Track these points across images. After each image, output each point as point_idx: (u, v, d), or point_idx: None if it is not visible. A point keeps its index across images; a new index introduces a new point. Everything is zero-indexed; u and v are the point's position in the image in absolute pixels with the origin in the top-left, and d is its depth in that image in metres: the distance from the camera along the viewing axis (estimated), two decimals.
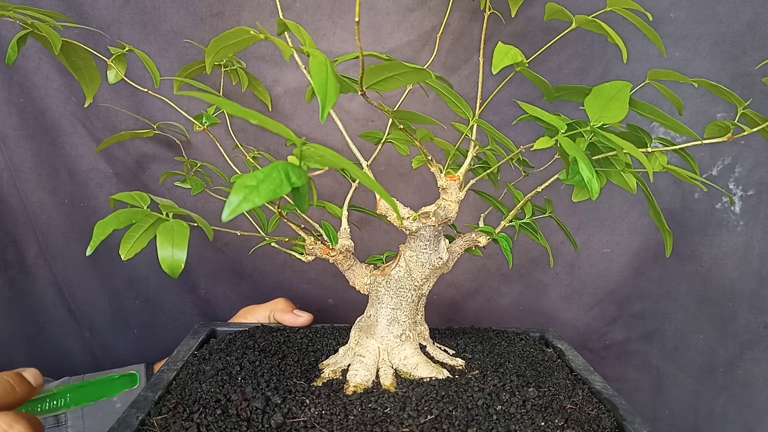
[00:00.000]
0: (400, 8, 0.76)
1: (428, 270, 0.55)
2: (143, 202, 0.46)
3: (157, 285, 0.85)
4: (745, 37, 0.75)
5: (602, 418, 0.48)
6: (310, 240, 0.56)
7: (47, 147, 0.77)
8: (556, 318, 0.88)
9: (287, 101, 0.79)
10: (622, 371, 0.89)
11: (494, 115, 0.78)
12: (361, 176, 0.30)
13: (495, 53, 0.41)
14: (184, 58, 0.75)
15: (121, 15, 0.74)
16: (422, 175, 0.82)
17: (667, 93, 0.50)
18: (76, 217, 0.80)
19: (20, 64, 0.74)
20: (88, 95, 0.54)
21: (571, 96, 0.50)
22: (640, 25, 0.47)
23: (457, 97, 0.50)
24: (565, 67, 0.78)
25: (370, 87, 0.42)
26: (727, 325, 0.83)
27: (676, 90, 0.51)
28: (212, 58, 0.41)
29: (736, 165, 0.79)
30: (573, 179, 0.47)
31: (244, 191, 0.27)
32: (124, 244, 0.41)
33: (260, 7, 0.76)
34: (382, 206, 0.53)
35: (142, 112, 0.77)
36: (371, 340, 0.55)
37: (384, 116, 0.56)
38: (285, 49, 0.37)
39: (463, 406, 0.47)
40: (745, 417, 0.83)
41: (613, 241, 0.84)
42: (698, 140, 0.45)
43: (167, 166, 0.79)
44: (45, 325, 0.84)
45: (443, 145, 0.59)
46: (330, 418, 0.46)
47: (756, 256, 0.81)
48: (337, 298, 0.88)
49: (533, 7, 0.75)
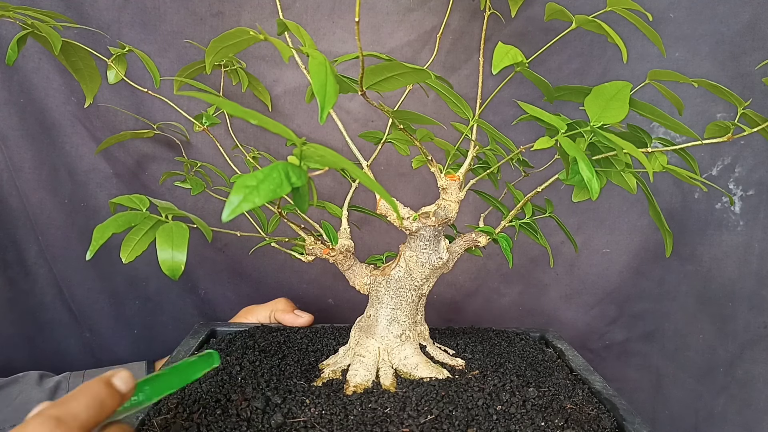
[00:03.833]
0: (400, 8, 0.76)
1: (428, 270, 0.55)
2: (142, 205, 0.46)
3: (157, 285, 0.85)
4: (745, 37, 0.75)
5: (602, 418, 0.48)
6: (310, 240, 0.56)
7: (47, 147, 0.77)
8: (556, 318, 0.88)
9: (287, 101, 0.79)
10: (622, 371, 0.89)
11: (494, 115, 0.78)
12: (361, 176, 0.30)
13: (495, 53, 0.41)
14: (184, 58, 0.75)
15: (121, 15, 0.74)
16: (422, 175, 0.82)
17: (667, 93, 0.50)
18: (76, 217, 0.80)
19: (20, 64, 0.74)
20: (88, 95, 0.54)
21: (571, 96, 0.50)
22: (640, 25, 0.47)
23: (457, 97, 0.50)
24: (565, 67, 0.78)
25: (370, 87, 0.42)
26: (727, 325, 0.83)
27: (676, 90, 0.51)
28: (212, 58, 0.41)
29: (736, 165, 0.79)
30: (573, 179, 0.47)
31: (244, 191, 0.27)
32: (124, 247, 0.42)
33: (260, 7, 0.76)
34: (382, 206, 0.53)
35: (142, 112, 0.77)
36: (371, 340, 0.55)
37: (384, 116, 0.56)
38: (284, 50, 0.37)
39: (463, 406, 0.47)
40: (745, 417, 0.83)
41: (613, 241, 0.84)
42: (698, 140, 0.45)
43: (167, 166, 0.79)
44: (45, 325, 0.84)
45: (443, 145, 0.59)
46: (330, 418, 0.46)
47: (756, 256, 0.81)
48: (337, 298, 0.88)
49: (533, 7, 0.75)
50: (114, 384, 0.37)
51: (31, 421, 0.32)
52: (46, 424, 0.32)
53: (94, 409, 0.35)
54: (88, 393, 0.35)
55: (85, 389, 0.35)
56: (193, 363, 0.42)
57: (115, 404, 0.36)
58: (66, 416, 0.33)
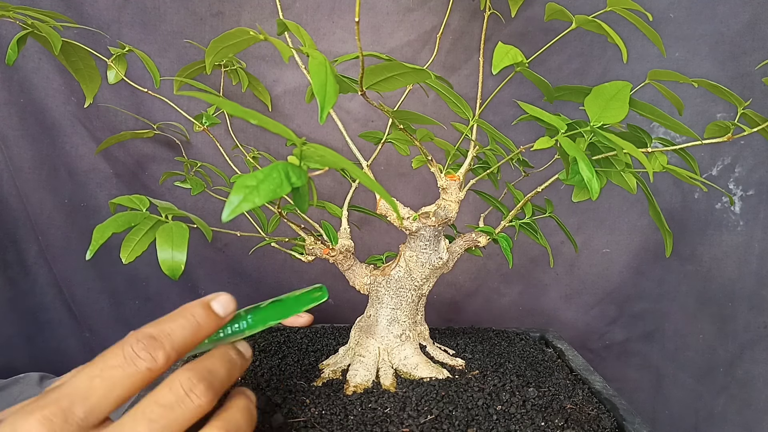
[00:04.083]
0: (400, 8, 0.76)
1: (428, 270, 0.55)
2: (142, 205, 0.46)
3: (157, 285, 0.85)
4: (745, 37, 0.75)
5: (602, 418, 0.48)
6: (310, 240, 0.56)
7: (47, 147, 0.77)
8: (556, 318, 0.88)
9: (287, 101, 0.79)
10: (622, 371, 0.89)
11: (494, 115, 0.78)
12: (361, 176, 0.30)
13: (495, 53, 0.41)
14: (184, 58, 0.75)
15: (121, 15, 0.74)
16: (422, 175, 0.82)
17: (667, 93, 0.50)
18: (76, 217, 0.80)
19: (20, 64, 0.74)
20: (88, 95, 0.54)
21: (571, 96, 0.50)
22: (640, 25, 0.47)
23: (457, 97, 0.50)
24: (565, 67, 0.78)
25: (370, 87, 0.42)
26: (727, 325, 0.83)
27: (676, 90, 0.51)
28: (212, 58, 0.41)
29: (736, 165, 0.79)
30: (573, 179, 0.47)
31: (244, 191, 0.27)
32: (124, 247, 0.42)
33: (260, 7, 0.76)
34: (382, 206, 0.53)
35: (142, 112, 0.77)
36: (371, 340, 0.55)
37: (384, 116, 0.56)
38: (284, 51, 0.37)
39: (463, 406, 0.47)
40: (745, 417, 0.83)
41: (613, 241, 0.84)
42: (698, 140, 0.45)
43: (167, 166, 0.79)
44: (45, 325, 0.84)
45: (443, 145, 0.59)
46: (330, 418, 0.46)
47: (756, 256, 0.81)
48: (337, 298, 0.88)
49: (533, 7, 0.75)
50: (212, 307, 0.36)
51: (128, 338, 0.33)
52: (142, 341, 0.33)
53: (190, 330, 0.35)
54: (185, 314, 0.35)
55: (182, 310, 0.35)
56: (300, 297, 0.40)
57: (211, 328, 0.36)
58: (160, 335, 0.33)
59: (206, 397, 0.33)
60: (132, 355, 0.32)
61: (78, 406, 0.31)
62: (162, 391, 0.32)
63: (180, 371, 0.33)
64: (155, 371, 0.33)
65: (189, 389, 0.32)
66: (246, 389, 0.39)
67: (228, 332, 0.38)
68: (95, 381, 0.31)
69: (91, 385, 0.31)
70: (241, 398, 0.37)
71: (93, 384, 0.31)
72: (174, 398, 0.32)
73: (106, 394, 0.31)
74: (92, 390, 0.31)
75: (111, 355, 0.32)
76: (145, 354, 0.32)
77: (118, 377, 0.32)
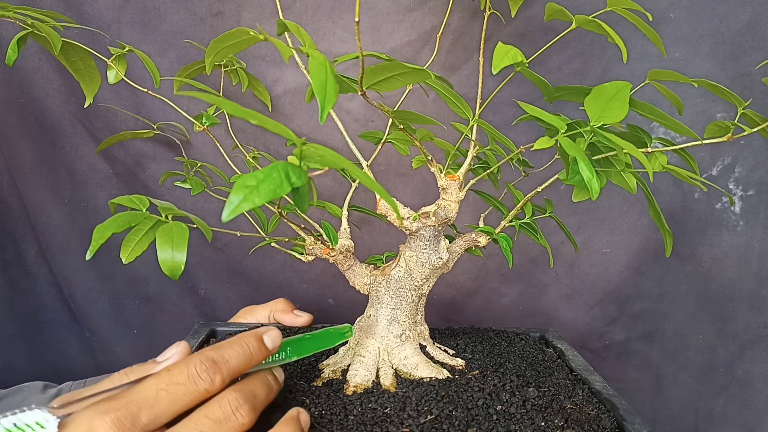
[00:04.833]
0: (400, 8, 0.76)
1: (428, 270, 0.55)
2: (142, 205, 0.46)
3: (157, 285, 0.85)
4: (745, 37, 0.75)
5: (602, 418, 0.48)
6: (310, 240, 0.56)
7: (47, 147, 0.77)
8: (556, 318, 0.88)
9: (287, 101, 0.79)
10: (622, 371, 0.89)
11: (494, 115, 0.78)
12: (361, 176, 0.30)
13: (495, 53, 0.41)
14: (184, 58, 0.75)
15: (121, 15, 0.74)
16: (422, 175, 0.82)
17: (667, 93, 0.50)
18: (76, 217, 0.80)
19: (20, 64, 0.74)
20: (88, 95, 0.54)
21: (571, 96, 0.50)
22: (640, 25, 0.47)
23: (457, 97, 0.50)
24: (565, 67, 0.78)
25: (370, 87, 0.42)
26: (727, 325, 0.83)
27: (676, 90, 0.51)
28: (212, 58, 0.41)
29: (736, 165, 0.79)
30: (573, 179, 0.47)
31: (244, 191, 0.27)
32: (124, 247, 0.42)
33: (260, 7, 0.76)
34: (382, 206, 0.53)
35: (142, 112, 0.77)
36: (371, 340, 0.55)
37: (384, 116, 0.56)
38: (284, 51, 0.37)
39: (463, 406, 0.47)
40: (745, 417, 0.83)
41: (613, 241, 0.84)
42: (698, 140, 0.45)
43: (167, 166, 0.79)
44: (45, 326, 0.84)
45: (443, 145, 0.59)
46: (330, 418, 0.46)
47: (756, 256, 0.81)
48: (337, 298, 0.88)
49: (533, 7, 0.75)
50: (264, 340, 0.41)
51: (193, 357, 0.37)
52: (205, 363, 0.37)
53: (244, 358, 0.39)
54: (241, 343, 0.40)
55: (239, 340, 0.40)
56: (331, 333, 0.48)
57: (261, 359, 0.41)
58: (220, 360, 0.38)
59: (249, 416, 0.37)
60: (195, 376, 0.36)
61: (144, 412, 0.34)
62: (213, 407, 0.36)
63: (229, 391, 0.37)
64: (211, 392, 0.37)
65: (236, 408, 0.37)
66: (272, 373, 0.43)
67: (269, 360, 0.43)
68: (161, 393, 0.35)
69: (157, 396, 0.35)
70: (261, 372, 0.42)
71: (159, 395, 0.35)
72: (222, 414, 0.36)
73: (168, 406, 0.35)
74: (158, 401, 0.35)
75: (177, 371, 0.36)
76: (206, 376, 0.36)
77: (180, 393, 0.36)
